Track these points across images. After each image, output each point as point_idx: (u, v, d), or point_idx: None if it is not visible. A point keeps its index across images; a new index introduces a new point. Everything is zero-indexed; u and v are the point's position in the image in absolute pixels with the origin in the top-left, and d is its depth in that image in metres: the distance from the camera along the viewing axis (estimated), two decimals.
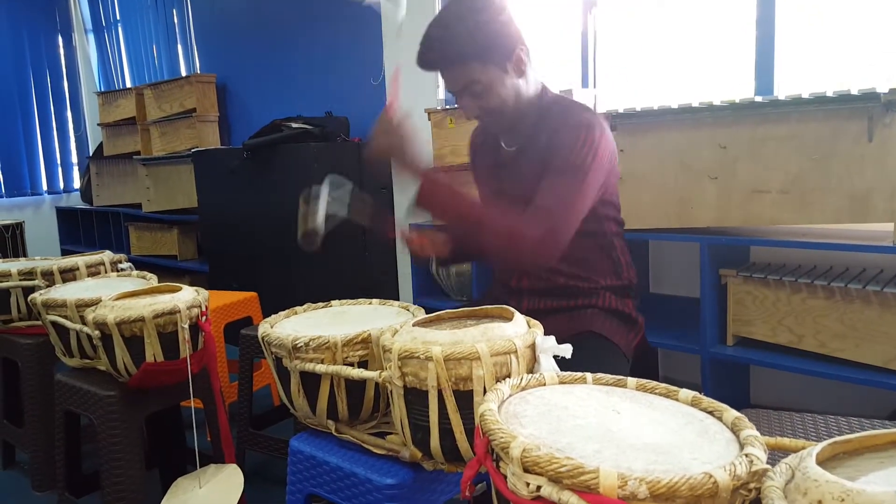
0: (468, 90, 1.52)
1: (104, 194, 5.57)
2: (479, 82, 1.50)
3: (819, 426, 1.25)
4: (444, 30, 1.47)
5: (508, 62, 1.50)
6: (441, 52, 1.49)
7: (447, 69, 1.52)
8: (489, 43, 1.47)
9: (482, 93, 1.51)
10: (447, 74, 1.54)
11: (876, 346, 1.91)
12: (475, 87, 1.51)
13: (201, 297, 1.78)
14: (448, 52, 1.48)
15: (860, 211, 1.91)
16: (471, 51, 1.46)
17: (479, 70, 1.48)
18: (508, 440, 0.71)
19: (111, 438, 1.74)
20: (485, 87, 1.50)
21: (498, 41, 1.48)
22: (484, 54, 1.47)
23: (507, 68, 1.51)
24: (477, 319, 1.27)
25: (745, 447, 0.73)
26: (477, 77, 1.49)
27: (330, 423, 1.33)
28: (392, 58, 3.70)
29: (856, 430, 1.22)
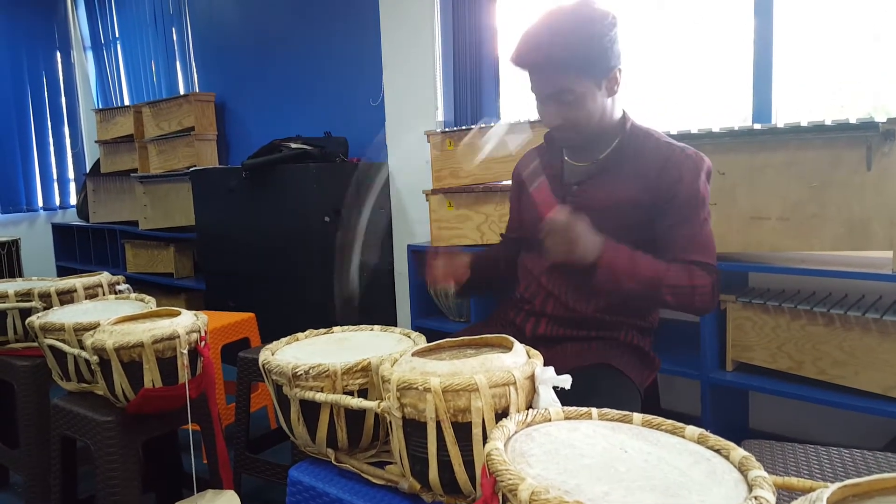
0: (558, 97, 1.50)
1: (101, 211, 5.55)
2: (572, 92, 1.48)
3: (822, 459, 1.25)
4: (555, 34, 1.45)
5: (605, 79, 1.50)
6: (547, 54, 1.46)
7: (545, 72, 1.49)
8: (594, 57, 1.45)
9: (572, 103, 1.49)
10: (542, 77, 1.51)
11: (875, 373, 1.91)
12: (566, 97, 1.49)
13: (200, 322, 1.77)
14: (554, 56, 1.45)
15: (859, 238, 1.92)
16: (575, 61, 1.45)
17: (576, 80, 1.47)
18: (517, 482, 0.71)
19: (109, 464, 1.73)
20: (576, 98, 1.48)
21: (602, 57, 1.46)
22: (586, 66, 1.46)
23: (602, 85, 1.50)
24: (476, 349, 1.26)
25: (753, 489, 0.72)
26: (572, 87, 1.47)
27: (329, 452, 1.32)
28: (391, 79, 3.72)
29: (859, 464, 1.22)
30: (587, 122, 1.52)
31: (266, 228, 3.74)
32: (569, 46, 1.44)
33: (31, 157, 6.23)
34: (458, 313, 3.14)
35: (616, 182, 1.57)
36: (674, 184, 1.50)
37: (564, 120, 1.52)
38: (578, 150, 1.65)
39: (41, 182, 6.31)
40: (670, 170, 1.51)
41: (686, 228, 1.50)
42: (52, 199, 6.40)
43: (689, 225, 1.50)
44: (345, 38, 4.02)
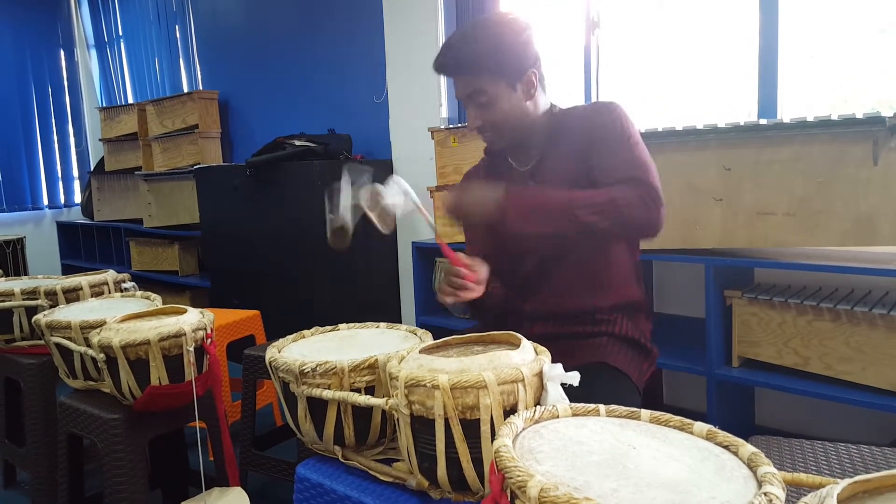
0: (473, 99, 1.56)
1: (105, 209, 5.57)
2: (485, 93, 1.53)
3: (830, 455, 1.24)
4: (463, 40, 1.53)
5: (518, 82, 1.54)
6: (456, 58, 1.53)
7: (459, 75, 1.56)
8: (503, 59, 1.51)
9: (486, 105, 1.55)
10: (458, 80, 1.57)
11: (882, 369, 1.91)
12: (480, 98, 1.54)
13: (206, 320, 1.78)
14: (463, 59, 1.53)
15: (865, 234, 1.92)
16: (484, 62, 1.51)
17: (488, 82, 1.52)
18: (526, 479, 0.71)
19: (115, 462, 1.73)
20: (490, 100, 1.54)
21: (512, 59, 1.52)
22: (495, 68, 1.51)
23: (517, 87, 1.55)
24: (484, 345, 1.26)
25: (763, 485, 0.72)
26: (484, 87, 1.53)
27: (336, 449, 1.32)
28: (395, 76, 3.71)
29: (867, 460, 1.21)
30: (504, 122, 1.57)
31: (270, 226, 3.74)
32: (478, 50, 1.51)
33: (35, 155, 6.24)
34: (462, 311, 3.14)
35: (558, 171, 1.60)
36: (594, 131, 1.54)
37: (483, 121, 1.58)
38: (516, 151, 1.68)
39: (46, 180, 6.33)
40: (589, 127, 1.55)
41: (609, 158, 1.51)
42: (56, 198, 6.42)
43: (613, 153, 1.51)
44: (348, 36, 4.01)
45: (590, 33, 3.09)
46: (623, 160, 1.49)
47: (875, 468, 1.20)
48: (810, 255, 2.13)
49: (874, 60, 2.43)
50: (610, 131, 1.52)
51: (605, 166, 1.51)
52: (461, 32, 1.56)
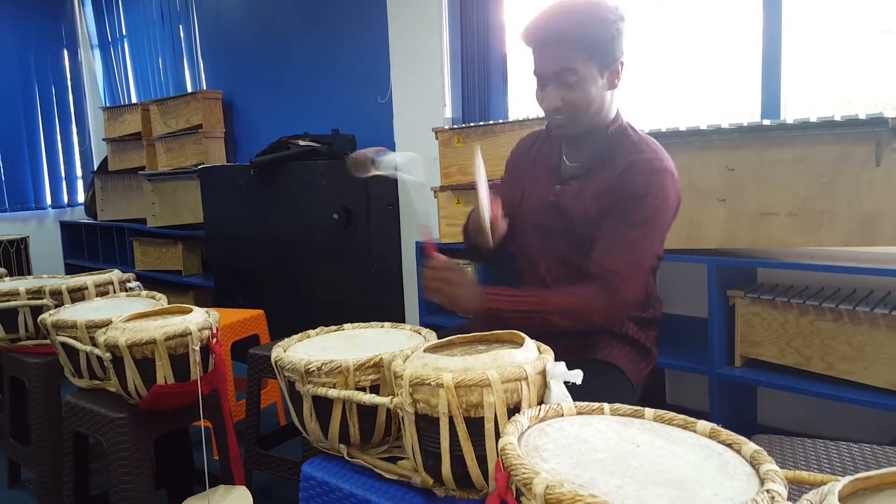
0: (560, 77, 1.49)
1: (108, 209, 5.58)
2: (575, 72, 1.47)
3: (832, 454, 1.25)
4: (566, 13, 1.46)
5: (607, 69, 1.50)
6: (557, 30, 1.46)
7: (553, 48, 1.48)
8: (601, 41, 1.46)
9: (573, 85, 1.48)
10: (549, 53, 1.49)
11: (884, 368, 1.91)
12: (569, 77, 1.48)
13: (212, 319, 1.79)
14: (564, 32, 1.45)
15: (868, 234, 1.92)
16: (585, 40, 1.45)
17: (581, 61, 1.46)
18: (531, 476, 0.71)
19: (121, 461, 1.74)
20: (579, 80, 1.48)
21: (609, 44, 1.47)
22: (592, 50, 1.46)
23: (605, 74, 1.51)
24: (488, 344, 1.27)
25: (765, 483, 0.73)
26: (576, 66, 1.47)
27: (342, 448, 1.33)
28: (399, 76, 3.72)
29: (869, 459, 1.22)
30: (585, 109, 1.51)
31: (274, 226, 3.75)
32: (578, 25, 1.45)
33: (39, 155, 6.25)
34: None
35: (588, 188, 1.57)
36: (625, 186, 1.50)
37: (564, 102, 1.51)
38: (574, 147, 1.65)
39: (49, 180, 6.34)
40: (628, 174, 1.51)
41: (613, 233, 1.49)
42: (60, 197, 6.44)
43: (618, 231, 1.49)
44: (352, 36, 4.02)
45: None
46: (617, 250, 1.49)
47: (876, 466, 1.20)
48: (813, 255, 2.14)
49: (877, 61, 2.43)
50: (631, 204, 1.49)
51: (602, 238, 1.51)
52: (560, 5, 1.48)
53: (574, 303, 1.49)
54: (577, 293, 1.50)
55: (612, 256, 1.48)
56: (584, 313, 1.48)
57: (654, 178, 1.49)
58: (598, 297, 1.47)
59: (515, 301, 1.50)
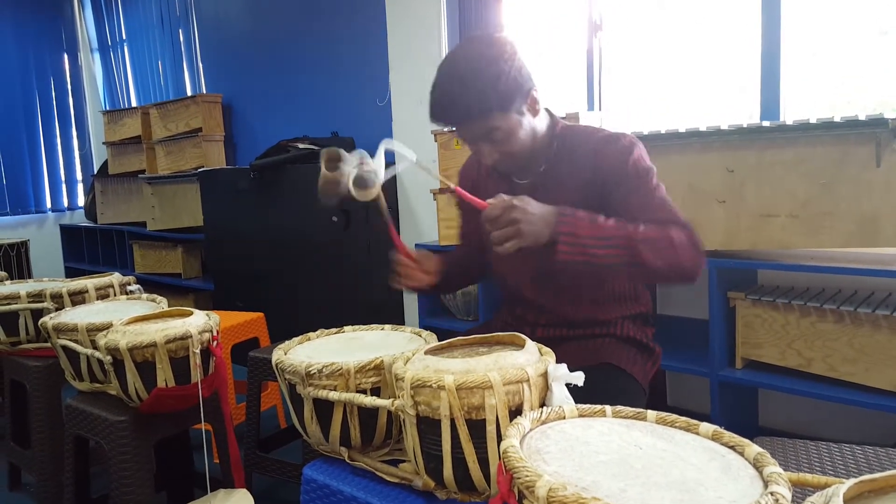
0: (487, 137, 1.49)
1: (108, 212, 5.58)
2: (499, 129, 1.46)
3: (835, 456, 1.25)
4: (463, 85, 1.42)
5: (525, 105, 1.48)
6: (463, 108, 1.43)
7: (466, 122, 1.47)
8: (509, 92, 1.43)
9: (502, 139, 1.48)
10: (465, 127, 1.49)
11: (885, 370, 1.91)
12: (495, 135, 1.47)
13: (212, 322, 1.78)
14: (470, 108, 1.43)
15: (869, 235, 1.92)
16: (493, 103, 1.42)
17: (500, 118, 1.44)
18: (534, 479, 0.71)
19: (122, 464, 1.74)
20: (505, 134, 1.47)
21: (515, 87, 1.44)
22: (505, 103, 1.43)
23: (524, 111, 1.49)
24: (489, 346, 1.27)
25: (769, 485, 0.73)
26: (497, 125, 1.45)
27: (343, 450, 1.33)
28: (398, 79, 3.72)
29: (872, 461, 1.22)
30: (521, 148, 1.51)
31: (274, 228, 3.75)
32: (480, 94, 1.41)
33: (39, 158, 6.26)
34: (466, 312, 3.15)
35: (559, 190, 1.56)
36: (611, 168, 1.49)
37: (501, 154, 1.51)
38: (520, 167, 1.62)
39: (49, 183, 6.35)
40: (601, 161, 1.51)
41: (636, 197, 1.47)
42: (60, 201, 6.44)
43: (639, 194, 1.47)
44: (351, 39, 4.02)
45: (592, 36, 3.10)
46: (655, 202, 1.46)
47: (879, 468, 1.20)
48: (813, 256, 2.14)
49: (876, 62, 2.43)
50: (627, 173, 1.48)
51: (629, 206, 1.46)
52: (452, 75, 1.44)
53: (662, 232, 1.38)
54: (661, 227, 1.39)
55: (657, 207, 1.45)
56: (674, 246, 1.37)
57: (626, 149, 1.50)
58: (682, 233, 1.39)
59: (596, 227, 1.37)
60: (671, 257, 1.37)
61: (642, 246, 1.35)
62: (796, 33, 2.52)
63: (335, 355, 1.37)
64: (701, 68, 2.85)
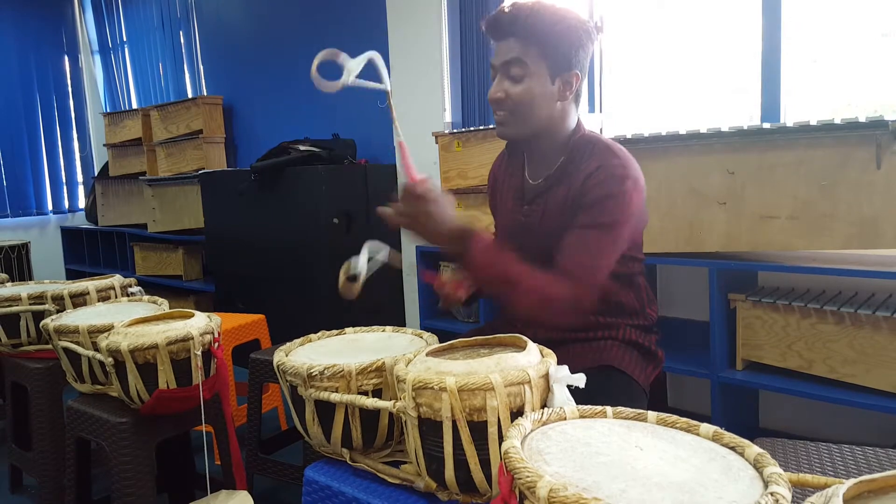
0: (507, 68, 1.47)
1: (109, 214, 5.58)
2: (522, 65, 1.45)
3: (834, 457, 1.25)
4: (529, 10, 1.43)
5: (559, 75, 1.46)
6: (513, 20, 1.44)
7: (507, 38, 1.46)
8: (556, 43, 1.43)
9: (518, 79, 1.46)
10: (502, 44, 1.48)
11: (886, 371, 1.91)
12: (514, 68, 1.46)
13: (214, 324, 1.79)
14: (518, 23, 1.43)
15: (869, 237, 1.93)
16: (540, 36, 1.42)
17: (531, 56, 1.44)
18: (535, 479, 0.71)
19: (123, 465, 1.74)
20: (525, 75, 1.45)
21: (565, 48, 1.44)
22: (547, 48, 1.43)
23: (555, 80, 1.47)
24: (490, 348, 1.27)
25: (769, 485, 0.73)
26: (524, 59, 1.44)
27: (344, 452, 1.33)
28: (399, 81, 3.72)
29: (872, 462, 1.22)
30: (528, 108, 1.48)
31: (275, 230, 3.75)
32: (538, 20, 1.42)
33: (40, 160, 6.26)
34: (466, 314, 3.15)
35: (553, 202, 1.54)
36: (589, 190, 1.46)
37: (506, 94, 1.48)
38: (535, 165, 1.62)
39: (50, 185, 6.35)
40: (590, 182, 1.46)
41: (578, 235, 1.45)
42: (61, 203, 6.44)
43: (582, 233, 1.44)
44: (352, 40, 4.03)
45: None
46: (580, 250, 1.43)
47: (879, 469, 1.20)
48: (814, 258, 2.14)
49: (877, 64, 2.44)
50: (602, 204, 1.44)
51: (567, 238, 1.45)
52: (528, 3, 1.45)
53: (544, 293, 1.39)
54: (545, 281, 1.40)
55: (573, 257, 1.43)
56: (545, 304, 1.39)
57: (615, 184, 1.44)
58: (563, 290, 1.39)
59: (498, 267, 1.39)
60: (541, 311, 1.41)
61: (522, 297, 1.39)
62: (797, 35, 2.52)
63: (337, 357, 1.37)
64: (701, 70, 2.85)
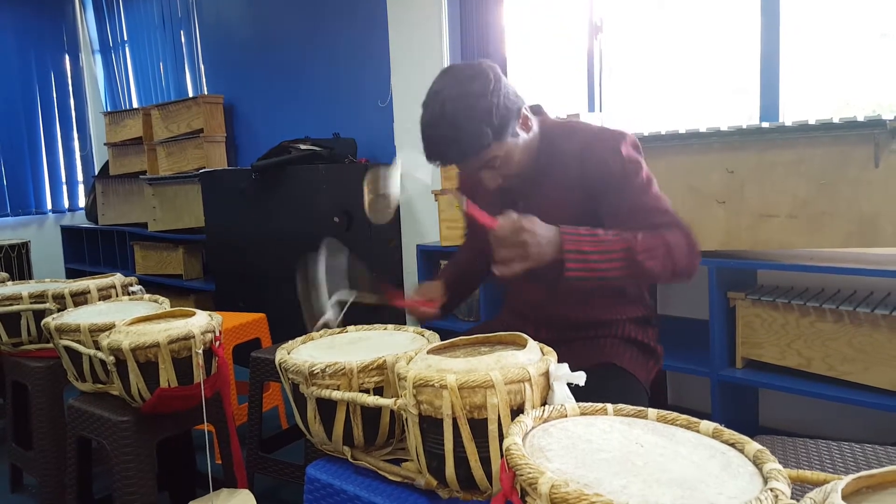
0: (487, 167, 1.49)
1: (109, 213, 5.59)
2: (498, 157, 1.46)
3: (834, 454, 1.26)
4: (456, 129, 1.39)
5: (518, 126, 1.48)
6: (460, 150, 1.43)
7: (463, 162, 1.48)
8: (502, 122, 1.42)
9: (502, 164, 1.48)
10: (465, 166, 1.50)
11: (884, 369, 1.92)
12: (495, 163, 1.47)
13: (215, 323, 1.79)
14: (467, 148, 1.42)
15: (868, 235, 1.93)
16: (489, 138, 1.41)
17: (497, 148, 1.45)
18: (536, 476, 0.72)
19: (125, 464, 1.75)
20: (505, 160, 1.47)
21: (508, 116, 1.43)
22: (500, 134, 1.43)
23: (518, 132, 1.48)
24: (491, 346, 1.27)
25: (768, 481, 0.74)
26: (496, 154, 1.45)
27: (346, 450, 1.33)
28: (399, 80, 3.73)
29: (871, 459, 1.23)
30: (519, 164, 1.51)
31: (275, 229, 3.76)
32: (474, 135, 1.40)
33: (40, 159, 6.27)
34: (466, 313, 3.16)
35: (551, 189, 1.55)
36: (598, 167, 1.48)
37: (504, 178, 1.52)
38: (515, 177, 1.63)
39: (50, 185, 6.35)
40: (589, 156, 1.49)
41: (632, 199, 1.46)
42: (61, 202, 6.45)
43: (634, 194, 1.47)
44: (353, 40, 4.03)
45: (592, 38, 3.11)
46: (647, 203, 1.45)
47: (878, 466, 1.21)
48: (813, 256, 2.15)
49: (875, 64, 2.44)
50: (617, 170, 1.46)
51: (622, 211, 1.46)
52: (442, 118, 1.40)
53: (659, 239, 1.39)
54: (657, 232, 1.40)
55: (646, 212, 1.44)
56: (673, 252, 1.39)
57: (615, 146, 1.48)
58: (679, 236, 1.41)
59: (598, 242, 1.37)
60: (669, 263, 1.39)
61: (642, 256, 1.37)
62: (795, 35, 2.53)
63: (338, 355, 1.38)
64: (701, 70, 2.86)
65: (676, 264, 1.40)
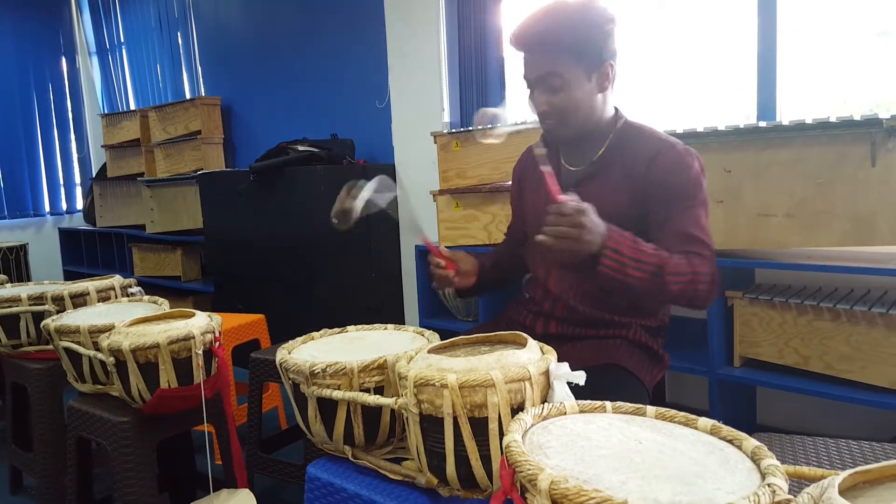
0: (545, 82, 1.51)
1: (107, 215, 5.58)
2: (559, 76, 1.49)
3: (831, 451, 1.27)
4: (550, 18, 1.48)
5: (594, 71, 1.51)
6: (539, 35, 1.48)
7: (538, 53, 1.50)
8: (585, 44, 1.47)
9: (559, 89, 1.50)
10: (532, 58, 1.52)
11: (882, 367, 1.93)
12: (553, 81, 1.49)
13: (215, 323, 1.80)
14: (546, 37, 1.48)
15: (865, 234, 1.94)
16: (570, 44, 1.46)
17: (564, 65, 1.48)
18: (536, 472, 0.73)
19: (125, 465, 1.75)
20: (563, 84, 1.49)
21: (594, 46, 1.48)
22: (580, 53, 1.47)
23: (591, 77, 1.51)
24: (491, 345, 1.28)
25: (766, 477, 0.74)
26: (559, 70, 1.48)
27: (346, 449, 1.34)
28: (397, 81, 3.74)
29: (868, 455, 1.24)
30: (574, 112, 1.52)
31: (274, 230, 3.76)
32: (564, 29, 1.46)
33: (37, 162, 6.26)
34: (465, 313, 3.16)
35: (608, 184, 1.57)
36: (663, 177, 1.50)
37: (550, 106, 1.53)
38: (572, 151, 1.65)
39: (48, 187, 6.35)
40: (659, 164, 1.51)
41: (680, 221, 1.49)
42: (58, 204, 6.44)
43: (683, 217, 1.49)
44: (350, 41, 4.04)
45: None
46: (693, 232, 1.48)
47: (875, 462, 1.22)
48: (810, 255, 2.16)
49: (872, 63, 2.45)
50: (681, 188, 1.49)
51: (671, 229, 1.48)
52: (545, 11, 1.49)
53: (688, 267, 1.43)
54: (688, 259, 1.44)
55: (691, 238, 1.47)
56: (696, 282, 1.43)
57: (686, 167, 1.50)
58: (704, 266, 1.45)
59: (637, 250, 1.41)
60: (690, 292, 1.44)
61: (670, 277, 1.41)
62: (792, 34, 2.54)
63: (339, 355, 1.38)
64: (698, 69, 2.86)
65: (696, 296, 1.45)
